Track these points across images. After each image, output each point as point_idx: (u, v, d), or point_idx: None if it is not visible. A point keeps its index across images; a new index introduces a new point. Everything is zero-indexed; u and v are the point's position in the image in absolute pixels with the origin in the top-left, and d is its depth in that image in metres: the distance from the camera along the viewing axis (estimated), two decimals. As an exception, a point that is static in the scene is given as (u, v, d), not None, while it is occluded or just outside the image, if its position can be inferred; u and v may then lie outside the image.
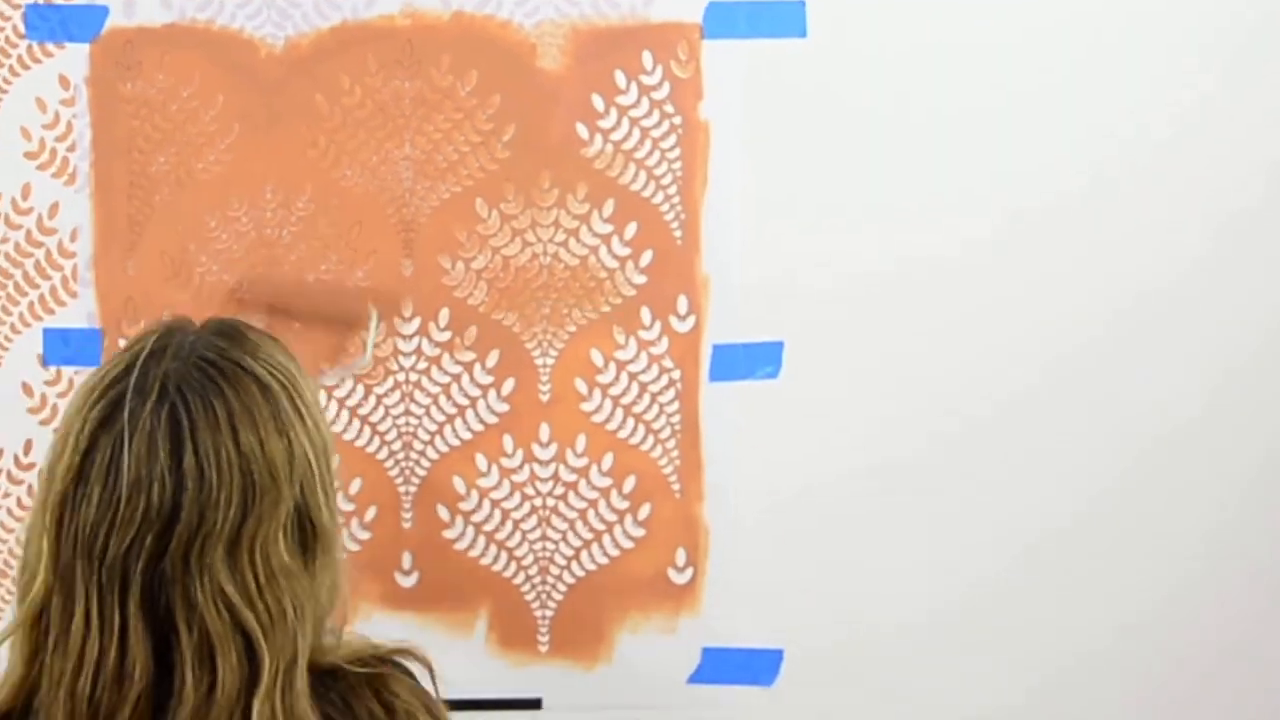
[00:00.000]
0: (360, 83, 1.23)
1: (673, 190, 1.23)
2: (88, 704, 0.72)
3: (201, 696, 0.72)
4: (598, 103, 1.23)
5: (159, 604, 0.74)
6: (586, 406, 1.23)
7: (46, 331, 1.23)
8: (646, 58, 1.23)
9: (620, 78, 1.23)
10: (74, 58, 1.22)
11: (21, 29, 1.22)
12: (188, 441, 0.75)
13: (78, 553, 0.74)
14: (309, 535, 0.79)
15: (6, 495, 1.23)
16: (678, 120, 1.23)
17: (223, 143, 1.23)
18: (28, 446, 1.23)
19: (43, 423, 1.22)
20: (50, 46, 1.22)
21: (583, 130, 1.23)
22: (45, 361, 1.23)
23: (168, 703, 0.73)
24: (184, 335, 0.80)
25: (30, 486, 1.22)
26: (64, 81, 1.22)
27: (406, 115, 1.23)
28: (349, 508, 1.22)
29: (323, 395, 1.22)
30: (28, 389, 1.23)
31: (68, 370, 1.23)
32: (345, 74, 1.23)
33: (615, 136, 1.23)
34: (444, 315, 1.23)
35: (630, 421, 1.23)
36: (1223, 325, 1.25)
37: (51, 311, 1.23)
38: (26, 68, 1.22)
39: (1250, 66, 1.24)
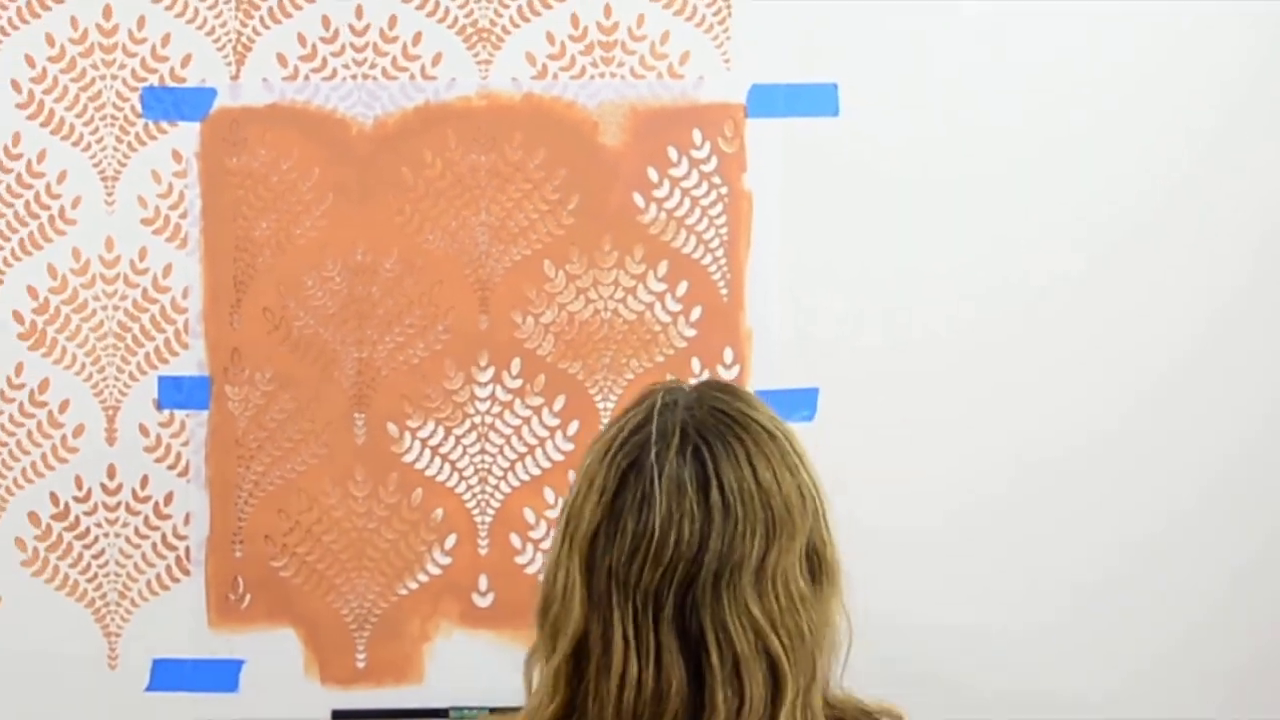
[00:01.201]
0: (441, 157, 1.36)
1: (719, 253, 1.36)
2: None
3: (732, 713, 0.77)
4: (653, 174, 1.36)
5: (690, 627, 0.79)
6: None
7: (161, 379, 1.36)
8: (696, 134, 1.36)
9: (673, 152, 1.36)
10: (186, 135, 1.35)
11: (139, 109, 1.35)
12: (713, 479, 0.80)
13: (613, 584, 0.80)
14: (818, 567, 0.84)
15: (125, 525, 1.37)
16: (724, 190, 1.36)
17: (318, 210, 1.36)
18: (144, 481, 1.36)
19: (157, 460, 1.35)
20: (165, 125, 1.35)
21: (639, 199, 1.36)
22: (160, 405, 1.36)
23: (700, 718, 0.78)
24: (687, 392, 0.87)
25: (146, 518, 1.36)
26: (177, 156, 1.35)
27: (482, 186, 1.36)
28: (431, 536, 1.37)
29: (407, 435, 1.37)
30: (144, 430, 1.36)
31: (180, 414, 1.36)
32: (428, 149, 1.35)
33: (668, 205, 1.36)
34: (516, 364, 1.36)
35: None
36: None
37: (165, 361, 1.36)
38: (143, 144, 1.35)
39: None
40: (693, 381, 0.91)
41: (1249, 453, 1.39)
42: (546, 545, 1.36)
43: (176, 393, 1.36)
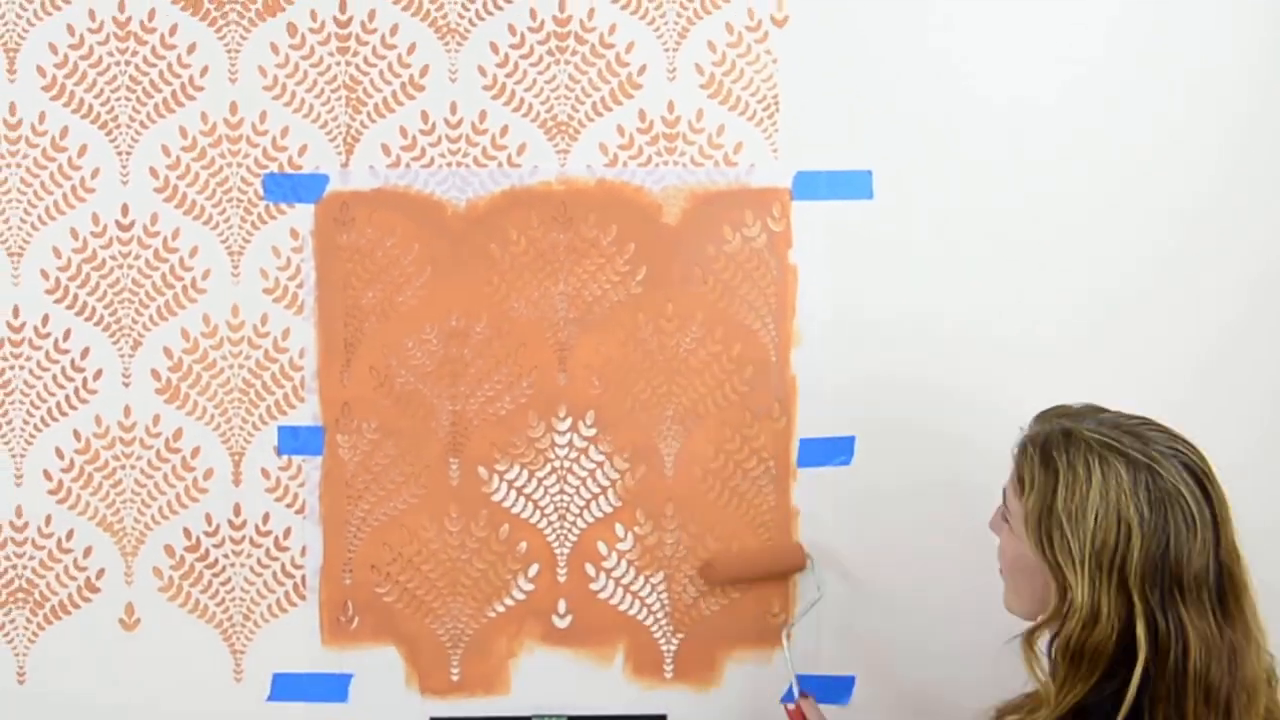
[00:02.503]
0: (525, 234, 1.52)
1: (768, 318, 1.53)
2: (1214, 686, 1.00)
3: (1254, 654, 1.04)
4: (710, 249, 1.52)
5: (1220, 603, 1.02)
6: (700, 487, 1.53)
7: (281, 428, 1.52)
8: (748, 215, 1.52)
9: (727, 230, 1.52)
10: (302, 215, 1.52)
11: (261, 192, 1.52)
12: (1201, 473, 1.04)
13: (1175, 590, 1.01)
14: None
15: (249, 556, 1.54)
16: (772, 264, 1.52)
17: (418, 281, 1.52)
18: (265, 518, 1.52)
19: (277, 499, 1.52)
20: (284, 206, 1.52)
21: (698, 271, 1.52)
22: (280, 451, 1.52)
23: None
24: (1092, 423, 1.09)
25: (268, 550, 1.52)
26: (294, 233, 1.52)
27: (561, 260, 1.52)
28: (516, 566, 1.53)
29: (495, 478, 1.53)
30: (266, 473, 1.52)
31: (297, 459, 1.52)
32: (513, 228, 1.52)
33: (724, 276, 1.52)
34: (590, 416, 1.52)
35: (735, 499, 1.53)
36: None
37: (285, 413, 1.52)
38: (265, 223, 1.52)
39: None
40: (1033, 426, 1.16)
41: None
42: (617, 575, 1.53)
43: (294, 440, 1.53)
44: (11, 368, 1.52)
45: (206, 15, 1.52)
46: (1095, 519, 1.04)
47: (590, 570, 1.53)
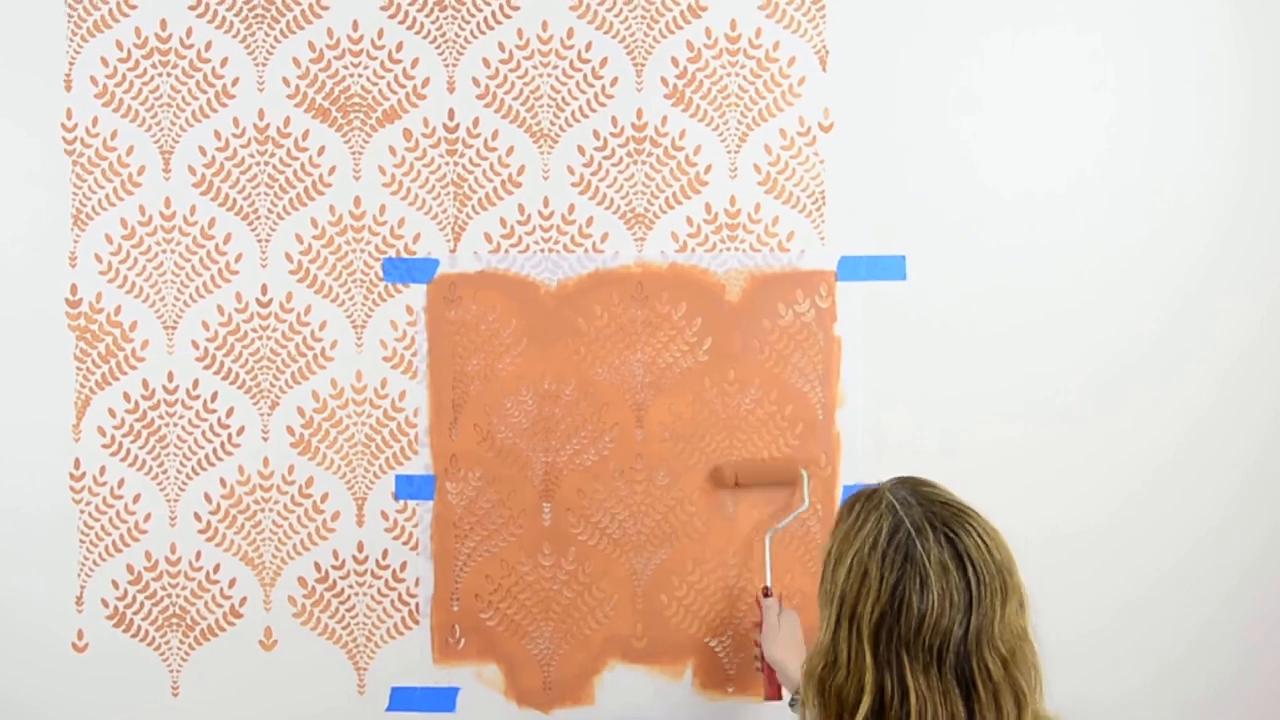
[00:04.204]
0: (607, 310, 1.74)
1: (816, 383, 1.75)
2: None
3: None
4: (766, 324, 1.75)
5: (962, 672, 1.00)
6: (758, 527, 1.76)
7: (398, 477, 1.75)
8: (799, 293, 1.75)
9: (781, 307, 1.74)
10: (416, 294, 1.75)
11: (381, 274, 1.75)
12: (965, 558, 1.01)
13: (904, 651, 1.00)
14: (1020, 606, 1.05)
15: (370, 586, 1.78)
16: (820, 336, 1.75)
17: (515, 351, 1.75)
18: (384, 554, 1.75)
19: (394, 538, 1.75)
20: (400, 286, 1.75)
21: (756, 342, 1.75)
22: (397, 496, 1.75)
23: None
24: (901, 490, 1.08)
25: (386, 581, 1.76)
26: (409, 309, 1.75)
27: (638, 332, 1.74)
28: (600, 595, 1.77)
29: (582, 520, 1.76)
30: (385, 515, 1.75)
31: (412, 503, 1.75)
32: (597, 304, 1.74)
33: (778, 346, 1.75)
34: (662, 471, 1.75)
35: (787, 538, 1.75)
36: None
37: (401, 463, 1.75)
38: (384, 300, 1.75)
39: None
40: (882, 481, 1.15)
41: (1214, 537, 1.80)
42: (687, 603, 1.76)
43: (409, 487, 1.75)
44: (167, 424, 1.77)
45: (334, 122, 1.76)
46: (848, 566, 1.07)
47: (664, 599, 1.76)
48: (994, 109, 1.77)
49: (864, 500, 1.11)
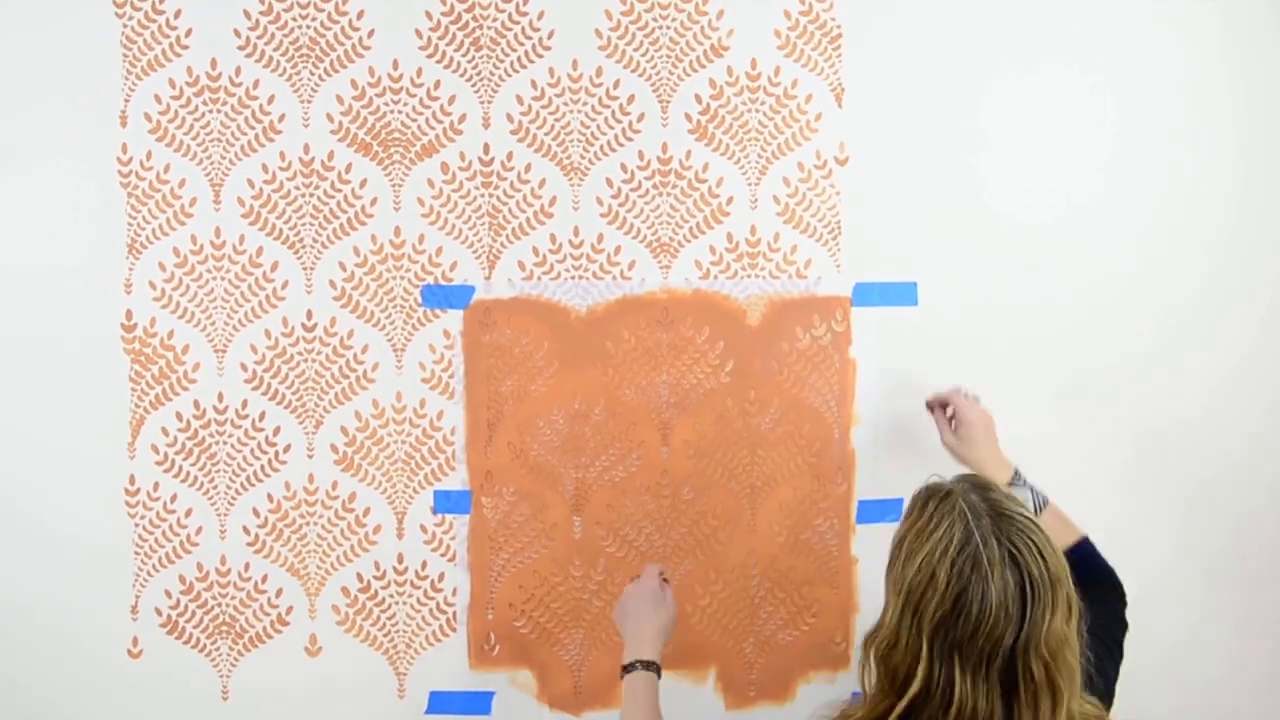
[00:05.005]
0: (634, 335, 1.83)
1: (832, 403, 1.85)
2: None
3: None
4: (785, 347, 1.84)
5: (1007, 676, 1.08)
6: (779, 539, 1.86)
7: (436, 492, 1.84)
8: (816, 318, 1.83)
9: (799, 331, 1.83)
10: (452, 319, 1.83)
11: (420, 300, 1.84)
12: (1025, 576, 1.08)
13: (956, 653, 1.08)
14: (1068, 612, 1.12)
15: (410, 596, 1.88)
16: (835, 358, 1.84)
17: (547, 373, 1.83)
18: (423, 565, 1.84)
19: (433, 550, 1.84)
20: (438, 311, 1.83)
21: (775, 364, 1.84)
22: (435, 511, 1.84)
23: None
24: (969, 494, 1.15)
25: (425, 591, 1.86)
26: (446, 334, 1.83)
27: (664, 355, 1.83)
28: (628, 604, 1.85)
29: (610, 533, 1.86)
30: (424, 528, 1.84)
31: (449, 517, 1.84)
32: (625, 329, 1.82)
33: (796, 368, 1.84)
34: (687, 486, 1.85)
35: (805, 550, 1.86)
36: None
37: (439, 479, 1.84)
38: (423, 325, 1.84)
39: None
40: (950, 477, 1.23)
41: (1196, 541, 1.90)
42: (710, 611, 1.86)
43: (447, 502, 1.84)
44: (217, 442, 1.86)
45: (376, 156, 1.85)
46: (918, 565, 1.15)
47: (689, 608, 1.85)
48: (1001, 143, 1.86)
49: (938, 501, 1.18)
